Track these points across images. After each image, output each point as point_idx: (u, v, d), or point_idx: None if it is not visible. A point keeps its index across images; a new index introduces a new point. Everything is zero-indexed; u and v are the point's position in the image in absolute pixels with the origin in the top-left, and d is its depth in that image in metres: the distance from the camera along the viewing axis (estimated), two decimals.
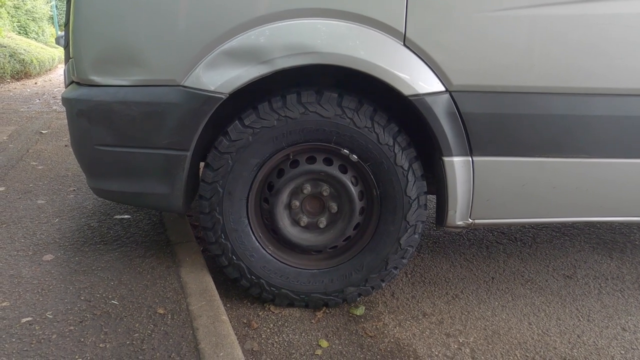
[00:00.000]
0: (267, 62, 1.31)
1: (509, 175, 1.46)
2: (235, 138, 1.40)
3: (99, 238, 1.81)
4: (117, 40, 1.35)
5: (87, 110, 1.41)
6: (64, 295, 1.39)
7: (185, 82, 1.35)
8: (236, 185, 1.44)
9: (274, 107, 1.38)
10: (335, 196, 1.51)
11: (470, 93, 1.37)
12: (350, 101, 1.39)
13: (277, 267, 1.53)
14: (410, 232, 1.49)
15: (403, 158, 1.43)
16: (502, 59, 1.34)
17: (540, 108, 1.39)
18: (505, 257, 2.02)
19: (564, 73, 1.35)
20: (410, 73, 1.33)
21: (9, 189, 2.36)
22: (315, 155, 1.47)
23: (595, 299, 1.70)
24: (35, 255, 1.64)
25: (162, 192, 1.47)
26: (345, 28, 1.31)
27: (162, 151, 1.42)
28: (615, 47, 1.33)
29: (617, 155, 1.43)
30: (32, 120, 4.44)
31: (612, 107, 1.39)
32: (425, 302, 1.65)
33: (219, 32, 1.31)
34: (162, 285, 1.47)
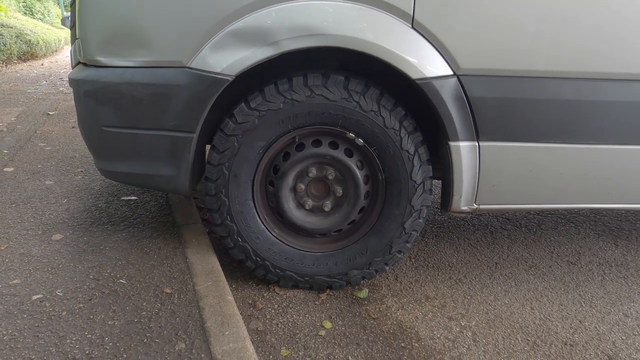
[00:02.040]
0: (273, 43, 1.30)
1: (515, 161, 1.45)
2: (241, 120, 1.40)
3: (106, 219, 1.84)
4: (123, 21, 1.35)
5: (94, 91, 1.42)
6: (73, 274, 1.41)
7: (191, 63, 1.35)
8: (242, 168, 1.45)
9: (280, 89, 1.38)
10: (340, 180, 1.51)
11: (478, 77, 1.36)
12: (356, 84, 1.38)
13: (282, 249, 1.55)
14: (415, 216, 1.50)
15: (409, 142, 1.42)
16: (512, 43, 1.32)
17: (550, 93, 1.37)
18: (509, 243, 2.02)
19: (574, 57, 1.33)
20: (418, 56, 1.32)
21: (17, 169, 2.39)
22: (321, 138, 1.47)
23: (598, 286, 1.71)
24: (45, 235, 1.67)
25: (169, 173, 1.48)
26: (353, 9, 1.29)
27: (169, 133, 1.42)
28: (627, 30, 1.30)
29: (626, 142, 1.41)
30: (39, 102, 4.46)
31: (623, 92, 1.37)
32: (428, 286, 1.66)
33: (225, 13, 1.30)
34: (169, 265, 1.50)
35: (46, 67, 8.45)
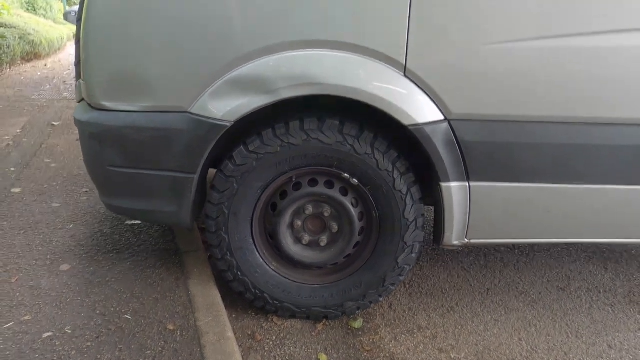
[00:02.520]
0: (271, 92, 1.36)
1: (504, 200, 1.50)
2: (240, 163, 1.45)
3: (111, 246, 1.91)
4: (126, 68, 1.40)
5: (99, 133, 1.48)
6: (81, 309, 1.48)
7: (192, 109, 1.40)
8: (241, 207, 1.51)
9: (277, 134, 1.43)
10: (336, 216, 1.57)
11: (468, 122, 1.41)
12: (351, 128, 1.43)
13: (280, 281, 1.61)
14: (407, 252, 1.56)
15: (402, 183, 1.48)
16: (502, 90, 1.37)
17: (539, 137, 1.42)
18: (502, 267, 2.08)
19: (562, 103, 1.38)
20: (410, 103, 1.37)
21: (24, 190, 2.46)
22: (317, 178, 1.52)
23: (585, 314, 1.77)
24: (53, 265, 1.74)
25: (171, 210, 1.54)
26: (348, 59, 1.34)
27: (171, 173, 1.48)
28: (611, 79, 1.35)
29: (608, 182, 1.46)
30: (43, 110, 4.52)
31: (606, 136, 1.41)
32: (421, 315, 1.73)
33: (224, 61, 1.35)
34: (172, 298, 1.57)
35: (49, 68, 8.51)
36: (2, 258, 1.76)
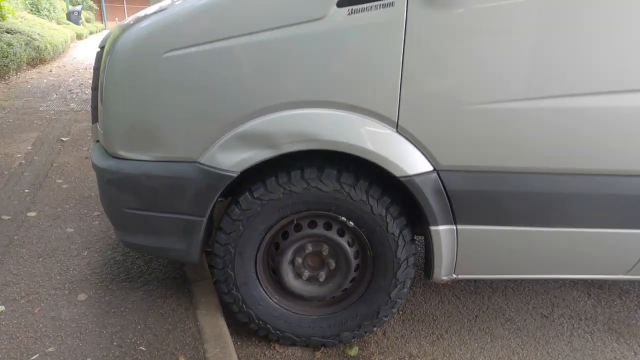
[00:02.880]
0: (273, 146, 1.48)
1: (489, 241, 1.63)
2: (245, 207, 1.58)
3: (124, 274, 2.04)
4: (142, 123, 1.52)
5: (116, 179, 1.60)
6: (99, 340, 1.62)
7: (201, 159, 1.53)
8: (246, 247, 1.64)
9: (280, 182, 1.56)
10: (333, 254, 1.70)
11: (455, 172, 1.53)
12: (347, 177, 1.56)
13: (282, 313, 1.75)
14: (399, 287, 1.69)
15: (394, 226, 1.60)
16: (483, 144, 1.48)
17: (520, 186, 1.54)
18: (490, 293, 2.21)
19: (541, 156, 1.50)
20: (402, 157, 1.49)
21: (40, 214, 2.59)
22: (316, 220, 1.65)
23: (566, 342, 1.89)
24: (71, 295, 1.87)
25: (181, 247, 1.67)
26: (344, 117, 1.46)
27: (182, 216, 1.61)
28: (582, 136, 1.46)
29: (584, 226, 1.58)
30: (52, 124, 4.65)
31: (582, 185, 1.53)
32: (412, 343, 1.86)
33: (231, 119, 1.47)
34: (182, 329, 1.70)
35: (55, 73, 8.63)
36: (24, 287, 1.90)
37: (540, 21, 1.35)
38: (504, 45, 1.37)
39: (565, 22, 1.35)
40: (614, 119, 1.43)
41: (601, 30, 1.35)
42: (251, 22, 1.39)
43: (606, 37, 1.36)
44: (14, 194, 2.85)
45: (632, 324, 2.03)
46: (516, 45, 1.37)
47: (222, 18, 1.41)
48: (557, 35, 1.36)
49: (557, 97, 1.43)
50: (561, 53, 1.37)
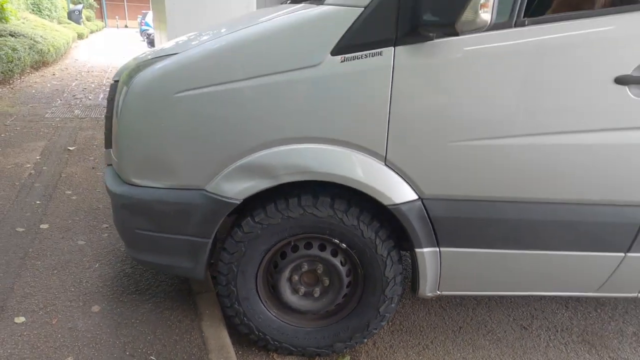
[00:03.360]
0: (273, 177, 1.63)
1: (469, 261, 1.78)
2: (247, 231, 1.74)
3: (134, 287, 2.19)
4: (154, 155, 1.68)
5: (129, 204, 1.76)
6: (113, 350, 1.77)
7: (207, 187, 1.68)
8: (248, 266, 1.79)
9: (279, 208, 1.71)
10: (327, 273, 1.85)
11: (438, 200, 1.69)
12: (340, 204, 1.71)
13: (280, 325, 1.90)
14: (387, 303, 1.84)
15: (383, 248, 1.76)
16: (464, 176, 1.64)
17: (495, 213, 1.69)
18: (474, 305, 2.37)
19: (514, 187, 1.65)
20: (389, 187, 1.65)
21: (51, 226, 2.74)
22: (312, 242, 1.81)
23: (542, 353, 2.05)
24: (85, 306, 2.03)
25: (188, 266, 1.83)
26: (336, 151, 1.61)
27: (189, 237, 1.77)
28: (552, 168, 1.61)
29: (555, 249, 1.74)
30: (58, 132, 4.80)
31: (550, 213, 1.68)
32: (400, 353, 2.01)
33: (234, 152, 1.63)
34: (188, 340, 1.85)
35: (58, 77, 8.76)
36: (41, 299, 2.05)
37: (511, 71, 1.51)
38: (479, 90, 1.52)
39: (531, 73, 1.50)
40: (575, 155, 1.59)
41: (556, 80, 1.50)
42: (253, 68, 1.54)
43: (562, 86, 1.51)
44: (26, 205, 3.00)
45: (605, 336, 2.19)
46: (489, 90, 1.52)
47: (226, 64, 1.56)
48: (524, 82, 1.51)
49: (526, 135, 1.58)
50: (528, 98, 1.52)
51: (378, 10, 1.47)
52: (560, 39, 1.49)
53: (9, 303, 2.01)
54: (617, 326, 2.26)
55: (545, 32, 1.49)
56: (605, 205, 1.67)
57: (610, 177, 1.62)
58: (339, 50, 1.50)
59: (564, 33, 1.49)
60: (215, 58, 1.57)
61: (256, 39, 1.56)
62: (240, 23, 1.80)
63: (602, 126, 1.56)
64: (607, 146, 1.58)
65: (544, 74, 1.50)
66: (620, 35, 1.48)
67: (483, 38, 1.48)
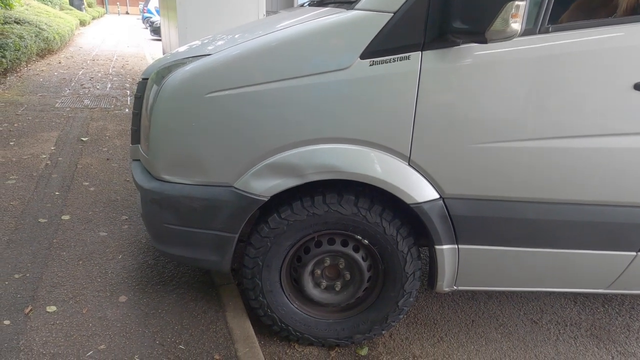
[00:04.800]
0: (300, 176, 1.69)
1: (487, 259, 1.85)
2: (273, 227, 1.80)
3: (157, 278, 2.26)
4: (185, 153, 1.73)
5: (159, 199, 1.82)
6: (143, 339, 1.85)
7: (236, 184, 1.74)
8: (273, 260, 1.86)
9: (305, 205, 1.77)
10: (349, 267, 1.92)
11: (459, 200, 1.75)
12: (364, 202, 1.77)
13: (302, 317, 1.98)
14: (406, 297, 1.91)
15: (404, 245, 1.82)
16: (484, 177, 1.70)
17: (516, 213, 1.76)
18: (486, 300, 2.45)
19: (532, 188, 1.71)
20: (412, 187, 1.70)
21: (73, 217, 2.80)
22: (335, 237, 1.87)
23: (552, 346, 2.13)
24: (113, 296, 2.10)
25: (215, 259, 1.89)
26: (361, 152, 1.67)
27: (216, 232, 1.83)
28: (570, 171, 1.67)
29: (569, 247, 1.80)
30: (70, 122, 4.84)
31: (566, 213, 1.75)
32: (415, 344, 2.09)
33: (263, 151, 1.68)
34: (214, 330, 1.93)
35: (64, 65, 8.77)
36: (70, 289, 2.13)
37: (533, 77, 1.55)
38: (501, 94, 1.57)
39: (552, 78, 1.55)
40: (593, 158, 1.64)
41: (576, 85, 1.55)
42: (284, 70, 1.59)
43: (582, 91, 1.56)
44: (46, 196, 3.06)
45: (612, 330, 2.27)
46: (511, 95, 1.57)
47: (257, 66, 1.60)
48: (545, 88, 1.56)
49: (544, 139, 1.63)
50: (548, 103, 1.57)
51: (407, 16, 1.51)
52: (581, 45, 1.53)
53: (40, 293, 2.08)
54: (624, 321, 2.34)
55: (568, 38, 1.54)
56: (620, 206, 1.73)
57: (627, 179, 1.68)
58: (368, 54, 1.55)
59: (586, 39, 1.53)
60: (247, 60, 1.62)
61: (287, 42, 1.60)
62: (268, 25, 1.84)
63: (621, 131, 1.61)
64: (625, 150, 1.63)
65: (565, 79, 1.55)
66: (638, 42, 1.53)
67: (507, 44, 1.53)
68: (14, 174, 3.40)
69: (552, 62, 1.55)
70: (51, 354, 1.73)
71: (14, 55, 7.18)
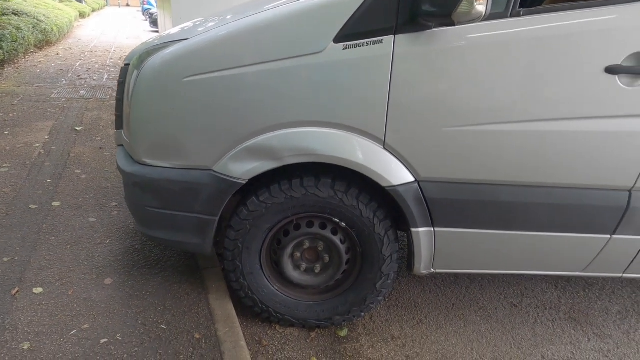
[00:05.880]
0: (277, 159, 1.72)
1: (462, 241, 1.88)
2: (252, 209, 1.83)
3: (143, 261, 2.31)
4: (164, 136, 1.76)
5: (140, 183, 1.85)
6: (126, 319, 1.89)
7: (215, 167, 1.77)
8: (252, 242, 1.90)
9: (282, 188, 1.80)
10: (327, 250, 1.95)
11: (434, 183, 1.77)
12: (341, 185, 1.80)
13: (282, 299, 2.02)
14: (384, 279, 1.95)
15: (380, 227, 1.86)
16: (457, 160, 1.72)
17: (490, 195, 1.78)
18: (468, 283, 2.48)
19: (505, 171, 1.73)
20: (388, 169, 1.73)
21: (63, 204, 2.85)
22: (313, 220, 1.90)
23: (529, 328, 2.17)
24: (99, 279, 2.14)
25: (196, 242, 1.93)
26: (339, 136, 1.69)
27: (197, 215, 1.86)
28: (541, 153, 1.69)
29: (543, 230, 1.83)
30: (65, 112, 4.87)
31: (539, 196, 1.77)
32: (394, 326, 2.13)
33: (241, 134, 1.71)
34: (196, 311, 1.97)
35: (62, 57, 8.78)
36: (57, 272, 2.17)
37: (505, 60, 1.57)
38: (473, 78, 1.59)
39: (524, 62, 1.57)
40: (566, 141, 1.66)
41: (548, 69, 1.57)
42: (259, 54, 1.61)
43: (554, 75, 1.57)
44: (38, 184, 3.10)
45: (591, 314, 2.30)
46: (484, 78, 1.59)
47: (233, 50, 1.63)
48: (517, 71, 1.58)
49: (518, 122, 1.65)
50: (520, 86, 1.59)
51: (379, 0, 1.53)
52: (553, 30, 1.55)
53: (27, 275, 2.13)
54: (603, 305, 2.37)
55: (539, 22, 1.55)
56: (593, 190, 1.76)
57: (599, 162, 1.70)
58: (342, 37, 1.57)
59: (557, 24, 1.55)
60: (223, 44, 1.64)
61: (262, 26, 1.62)
62: (246, 10, 1.86)
63: (592, 114, 1.63)
64: (596, 133, 1.65)
65: (537, 63, 1.57)
66: (611, 26, 1.54)
67: (479, 28, 1.55)
68: (7, 162, 3.44)
69: (523, 46, 1.56)
70: (35, 332, 1.78)
71: (11, 46, 7.20)
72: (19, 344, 1.72)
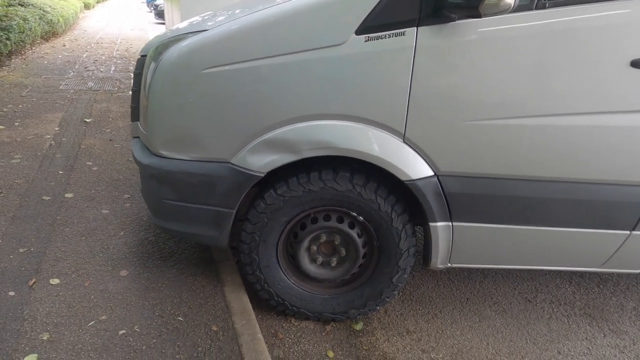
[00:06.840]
0: (296, 152, 1.71)
1: (480, 236, 1.87)
2: (270, 202, 1.83)
3: (158, 253, 2.31)
4: (182, 128, 1.75)
5: (157, 175, 1.85)
6: (143, 311, 1.90)
7: (233, 160, 1.76)
8: (269, 236, 1.89)
9: (301, 181, 1.79)
10: (344, 243, 1.95)
11: (453, 177, 1.76)
12: (359, 179, 1.79)
13: (298, 292, 2.02)
14: (400, 273, 1.94)
15: (398, 221, 1.85)
16: (477, 154, 1.70)
17: (508, 190, 1.77)
18: (481, 278, 2.47)
19: (526, 166, 1.72)
20: (407, 163, 1.72)
21: (76, 195, 2.85)
22: (330, 214, 1.90)
23: (545, 324, 2.16)
24: (114, 270, 2.15)
25: (212, 235, 1.93)
26: (358, 129, 1.68)
27: (214, 208, 1.86)
28: (562, 148, 1.67)
29: (562, 226, 1.82)
30: (74, 104, 4.87)
31: (560, 191, 1.75)
32: (410, 320, 2.13)
33: (260, 127, 1.70)
34: (212, 304, 1.98)
35: (68, 48, 8.77)
36: (73, 263, 2.18)
37: (529, 53, 1.55)
38: (496, 71, 1.57)
39: (549, 54, 1.54)
40: (588, 136, 1.64)
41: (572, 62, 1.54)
42: (279, 46, 1.59)
43: (578, 68, 1.55)
44: (50, 175, 3.11)
45: (606, 310, 2.29)
46: (507, 71, 1.57)
47: (253, 42, 1.61)
48: (541, 64, 1.56)
49: (539, 116, 1.63)
50: (544, 79, 1.57)
51: None
52: (578, 22, 1.52)
53: (43, 266, 2.14)
54: (618, 301, 2.36)
55: (565, 14, 1.53)
56: (613, 185, 1.74)
57: (622, 157, 1.68)
58: (364, 30, 1.55)
59: (582, 16, 1.52)
60: (242, 36, 1.62)
61: (282, 18, 1.61)
62: (259, 3, 1.84)
63: (616, 108, 1.61)
64: (620, 128, 1.63)
65: (561, 56, 1.55)
66: (637, 18, 1.51)
67: (503, 20, 1.52)
68: (19, 153, 3.44)
69: (548, 39, 1.54)
70: (54, 323, 1.79)
71: (18, 37, 7.19)
72: (39, 334, 1.73)
